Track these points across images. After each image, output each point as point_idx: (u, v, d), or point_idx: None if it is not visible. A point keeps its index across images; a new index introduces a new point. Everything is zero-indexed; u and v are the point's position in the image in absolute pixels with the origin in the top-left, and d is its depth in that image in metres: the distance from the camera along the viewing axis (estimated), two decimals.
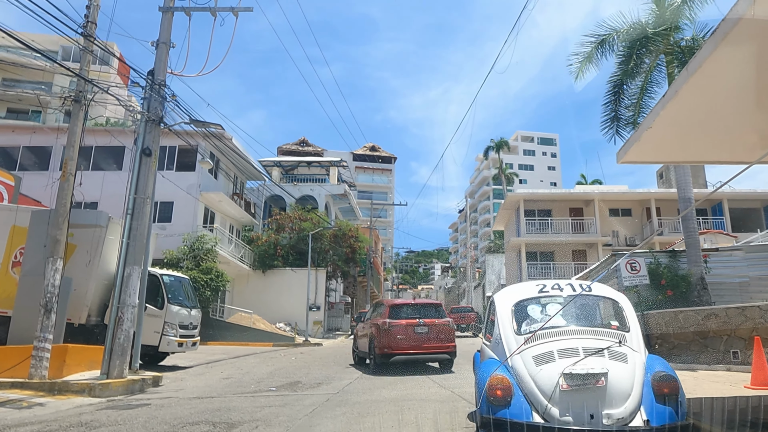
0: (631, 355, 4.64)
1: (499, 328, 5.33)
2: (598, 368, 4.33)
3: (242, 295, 32.66)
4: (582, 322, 5.23)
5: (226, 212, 31.16)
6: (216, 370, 13.33)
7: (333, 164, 40.78)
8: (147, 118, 11.09)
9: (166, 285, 13.00)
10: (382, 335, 12.38)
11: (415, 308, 13.30)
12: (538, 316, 5.36)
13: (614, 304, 5.51)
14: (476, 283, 59.12)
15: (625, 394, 4.32)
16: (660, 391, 4.36)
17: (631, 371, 4.47)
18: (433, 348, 12.59)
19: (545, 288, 5.67)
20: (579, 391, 4.29)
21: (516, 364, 4.72)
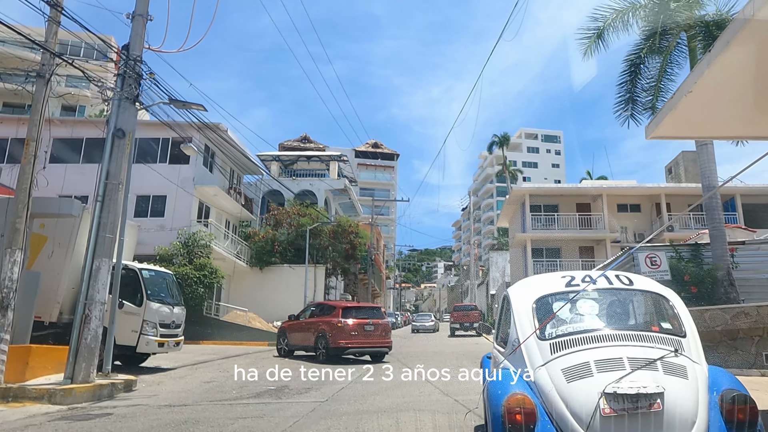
0: (691, 367, 3.51)
1: (516, 331, 4.08)
2: (651, 386, 3.23)
3: (239, 293, 31.69)
4: (624, 325, 4.04)
5: (221, 207, 30.18)
6: (200, 372, 12.34)
7: (333, 159, 39.74)
8: (120, 96, 10.08)
9: (145, 280, 12.00)
10: (337, 331, 14.52)
11: (360, 310, 15.96)
12: (567, 316, 4.08)
13: (663, 301, 4.22)
14: (480, 281, 58.11)
15: (689, 422, 3.22)
16: (732, 417, 3.26)
17: (693, 390, 3.35)
18: (378, 343, 15.24)
19: (574, 280, 4.32)
20: (627, 418, 3.17)
21: (540, 379, 3.58)
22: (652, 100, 13.80)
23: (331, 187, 36.84)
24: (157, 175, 26.46)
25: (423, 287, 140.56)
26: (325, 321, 15.13)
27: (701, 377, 3.52)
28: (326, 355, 14.53)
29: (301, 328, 16.25)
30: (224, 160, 30.63)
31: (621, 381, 3.27)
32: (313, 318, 16.09)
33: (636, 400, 3.20)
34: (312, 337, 15.22)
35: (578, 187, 33.49)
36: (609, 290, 4.22)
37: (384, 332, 15.41)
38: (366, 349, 15.02)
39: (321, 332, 14.89)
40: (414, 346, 23.02)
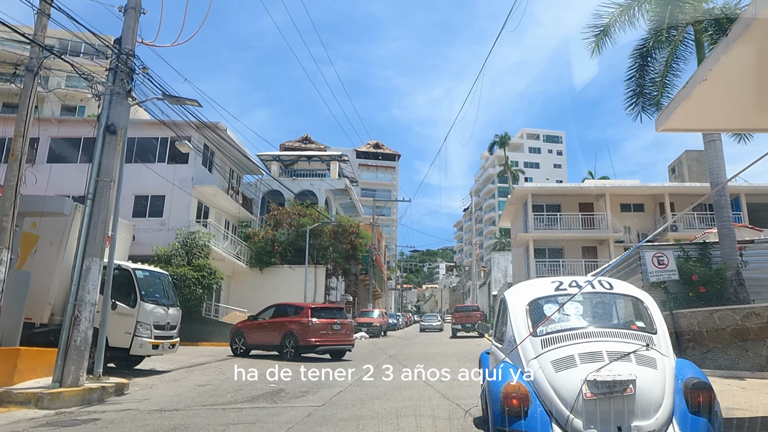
0: (660, 359, 4.09)
1: (512, 330, 4.66)
2: (625, 374, 3.83)
3: (238, 294, 31.42)
4: (604, 323, 4.66)
5: (221, 207, 29.90)
6: (196, 374, 12.04)
7: (334, 159, 39.45)
8: (112, 90, 9.80)
9: (139, 281, 11.71)
10: (307, 330, 15.52)
11: (327, 310, 17.01)
12: (555, 316, 4.60)
13: (639, 303, 4.76)
14: (481, 282, 57.78)
15: (656, 404, 3.82)
16: (694, 401, 3.84)
17: (661, 378, 3.95)
18: (343, 341, 16.36)
19: (562, 285, 4.90)
20: (605, 401, 3.79)
21: (533, 370, 4.16)
22: (657, 96, 13.49)
23: (331, 186, 36.57)
24: (156, 174, 26.23)
25: (425, 288, 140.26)
26: (293, 320, 15.98)
27: (668, 368, 4.06)
28: (294, 353, 15.50)
29: (263, 328, 16.84)
30: (223, 159, 30.36)
31: (600, 370, 3.84)
32: (277, 318, 16.75)
33: (612, 386, 3.77)
34: (278, 336, 15.99)
35: (581, 186, 33.16)
36: (592, 294, 4.77)
37: (348, 331, 16.77)
38: (333, 346, 16.11)
39: (289, 331, 15.73)
40: (415, 347, 22.71)
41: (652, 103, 13.50)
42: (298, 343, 15.50)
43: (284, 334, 15.85)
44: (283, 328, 16.01)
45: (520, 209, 34.59)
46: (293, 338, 15.60)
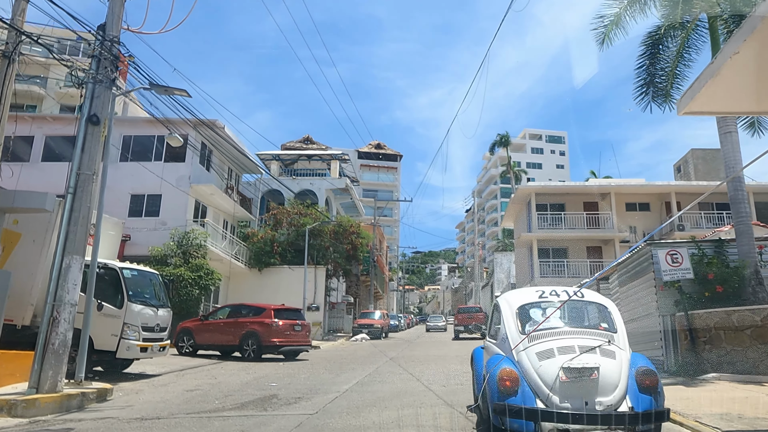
0: (618, 352, 5.18)
1: (505, 328, 5.82)
2: (591, 363, 4.90)
3: (237, 295, 30.84)
4: (577, 324, 5.72)
5: (219, 206, 29.38)
6: (186, 379, 11.50)
7: (335, 158, 38.92)
8: (95, 79, 9.27)
9: (126, 280, 11.17)
10: (271, 331, 16.02)
11: (288, 312, 17.36)
12: (539, 318, 5.76)
13: (604, 308, 5.94)
14: (484, 283, 57.17)
15: (614, 385, 4.89)
16: (642, 383, 4.93)
17: (618, 366, 5.01)
18: (303, 342, 17.09)
19: (544, 294, 6.17)
20: (575, 382, 4.88)
21: (521, 359, 5.26)
22: (666, 86, 12.92)
23: (332, 186, 36.03)
24: (153, 173, 25.73)
25: (427, 289, 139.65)
26: (256, 321, 16.31)
27: (624, 358, 5.14)
28: (256, 353, 15.95)
29: (218, 328, 17.06)
30: (222, 158, 29.85)
31: (573, 360, 4.92)
32: (234, 319, 16.94)
33: (581, 372, 4.85)
34: (236, 337, 16.32)
35: (585, 185, 32.58)
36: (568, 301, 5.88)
37: (307, 332, 17.39)
38: (294, 347, 16.68)
39: (251, 331, 16.13)
40: (417, 350, 22.15)
41: (661, 94, 12.93)
42: (261, 343, 15.94)
43: (244, 335, 16.15)
44: (243, 329, 16.27)
45: (523, 209, 34.03)
46: (255, 338, 16.03)
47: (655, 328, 11.23)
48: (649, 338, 11.67)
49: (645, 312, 11.91)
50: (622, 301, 13.52)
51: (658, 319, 11.10)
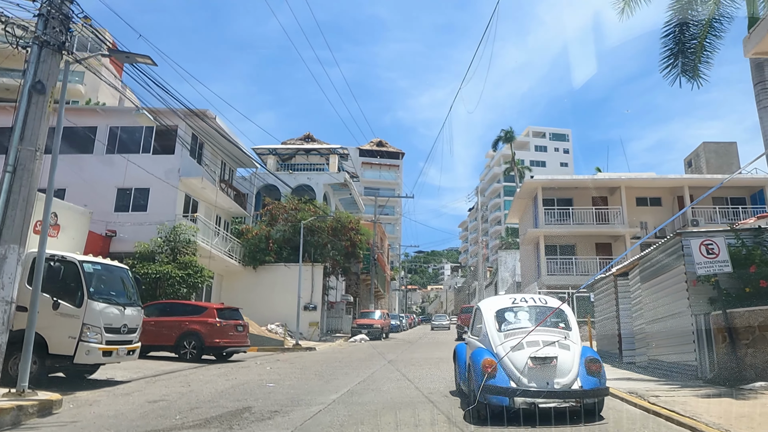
0: (572, 345, 6.82)
1: (485, 327, 7.33)
2: (551, 353, 6.54)
3: (231, 294, 29.62)
4: (541, 324, 7.09)
5: (211, 201, 28.09)
6: (155, 386, 10.20)
7: (333, 152, 37.59)
8: (41, 41, 7.98)
9: (87, 275, 9.87)
10: (214, 331, 15.46)
11: (228, 311, 16.93)
12: (511, 320, 7.46)
13: (562, 312, 7.50)
14: (488, 282, 55.80)
15: (568, 370, 6.48)
16: (589, 368, 6.56)
17: (572, 356, 6.63)
18: (244, 342, 16.82)
19: (516, 300, 7.85)
20: (540, 368, 6.46)
21: (499, 351, 6.79)
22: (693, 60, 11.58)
23: (330, 181, 34.68)
24: (140, 165, 24.46)
25: (430, 289, 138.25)
26: (196, 320, 15.65)
27: (577, 350, 6.77)
28: (196, 354, 15.31)
29: (149, 327, 15.86)
30: (214, 151, 28.57)
31: (538, 351, 6.56)
32: (168, 317, 16.08)
33: (544, 360, 6.50)
34: (172, 336, 15.55)
35: (594, 178, 31.11)
36: (534, 306, 7.61)
37: (246, 332, 17.13)
38: (236, 348, 16.29)
39: (191, 332, 15.46)
40: (418, 351, 20.84)
41: (689, 69, 11.59)
42: (203, 343, 15.37)
43: (183, 334, 15.47)
44: (180, 328, 15.59)
45: (529, 204, 32.66)
46: (196, 339, 15.42)
47: (686, 328, 9.90)
48: (677, 341, 10.34)
49: (672, 311, 10.57)
50: (643, 299, 12.19)
51: (689, 319, 9.75)
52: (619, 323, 13.96)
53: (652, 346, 11.66)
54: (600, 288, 16.38)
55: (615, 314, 14.24)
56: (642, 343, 12.40)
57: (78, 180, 24.87)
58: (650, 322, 11.76)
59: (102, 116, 25.84)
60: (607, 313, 15.31)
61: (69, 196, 24.75)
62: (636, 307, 12.76)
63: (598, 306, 16.85)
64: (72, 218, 10.96)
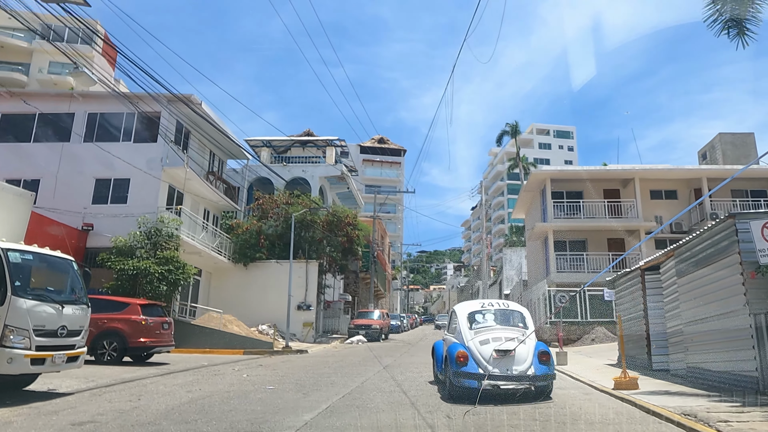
0: (528, 341, 8.32)
1: (459, 326, 8.96)
2: (511, 347, 8.10)
3: (221, 292, 27.92)
4: (504, 324, 9.00)
5: (198, 193, 26.36)
6: (97, 401, 8.43)
7: (330, 144, 35.81)
8: None
9: (13, 266, 8.12)
10: (140, 329, 14.23)
11: (153, 308, 15.60)
12: (480, 320, 9.11)
13: (521, 314, 9.36)
14: (492, 281, 53.96)
15: (524, 359, 8.06)
16: (541, 359, 8.15)
17: (527, 349, 8.19)
18: (170, 341, 15.54)
19: (484, 305, 9.63)
20: (502, 358, 8.02)
21: (469, 345, 8.37)
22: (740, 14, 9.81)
23: (326, 173, 32.87)
24: (120, 154, 22.76)
25: (432, 289, 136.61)
26: (117, 318, 14.31)
27: (531, 345, 8.31)
28: (118, 356, 14.11)
29: None
30: (202, 141, 26.86)
31: (500, 345, 8.12)
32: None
33: (506, 352, 7.99)
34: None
35: (606, 169, 29.23)
36: (499, 309, 9.45)
37: (172, 331, 15.77)
38: (162, 347, 15.05)
39: (111, 330, 14.11)
40: (418, 355, 19.10)
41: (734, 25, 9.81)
42: (126, 344, 14.08)
43: (101, 334, 13.99)
44: (99, 327, 13.96)
45: (537, 197, 30.84)
46: (118, 338, 14.10)
47: (741, 330, 8.10)
48: (728, 345, 8.55)
49: (722, 310, 8.77)
50: (681, 296, 10.38)
51: (746, 320, 7.96)
52: (648, 324, 12.17)
53: (693, 351, 9.86)
54: (623, 284, 14.56)
55: (642, 314, 12.46)
56: (678, 348, 10.60)
57: (53, 170, 23.23)
58: (690, 323, 9.96)
59: (79, 102, 24.12)
60: (631, 312, 13.50)
61: (43, 187, 23.08)
62: (671, 305, 10.96)
63: (620, 305, 15.04)
64: (4, 199, 9.22)
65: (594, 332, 23.01)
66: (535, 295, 28.33)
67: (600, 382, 10.09)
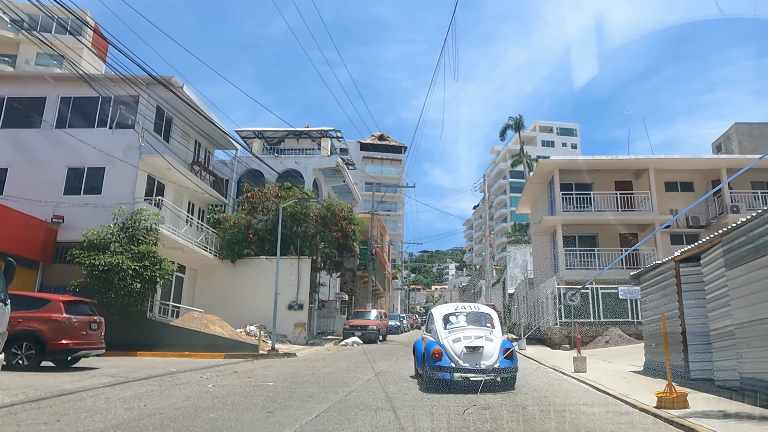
0: (495, 339, 9.69)
1: (436, 327, 10.26)
2: (480, 343, 9.41)
3: (207, 291, 26.17)
4: (474, 324, 10.23)
5: (181, 184, 24.59)
6: (14, 419, 6.66)
7: (326, 135, 34.00)
8: None
9: None
10: (61, 330, 12.54)
11: (78, 305, 13.68)
12: (454, 321, 10.34)
13: (489, 315, 10.67)
14: (495, 280, 52.10)
15: (491, 355, 9.32)
16: (505, 353, 9.39)
17: (494, 346, 9.50)
18: (99, 343, 13.74)
19: (458, 307, 10.98)
20: (471, 353, 9.28)
21: (444, 342, 9.56)
22: None
23: (321, 165, 31.03)
24: (95, 142, 21.02)
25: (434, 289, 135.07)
26: (35, 317, 12.52)
27: (498, 342, 9.60)
28: (34, 360, 12.41)
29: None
30: (186, 129, 25.08)
31: (470, 342, 9.43)
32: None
33: (475, 348, 9.34)
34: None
35: (619, 159, 27.26)
36: (470, 311, 10.76)
37: (102, 331, 13.97)
38: (88, 350, 13.39)
39: (27, 331, 12.27)
40: None
41: None
42: (45, 346, 12.41)
43: (15, 335, 11.81)
44: (12, 326, 11.68)
45: (544, 189, 29.02)
46: (34, 340, 12.39)
47: None
48: None
49: None
50: (731, 291, 8.55)
51: None
52: (684, 324, 10.35)
53: (750, 358, 8.03)
54: (650, 279, 12.71)
55: (677, 312, 10.63)
56: (727, 354, 8.78)
57: (22, 159, 21.47)
58: (745, 325, 8.13)
59: (51, 85, 22.34)
60: (660, 310, 11.64)
61: (11, 177, 21.36)
62: (716, 302, 9.14)
63: (646, 303, 13.21)
64: None
65: (608, 333, 21.20)
66: (542, 294, 26.49)
67: (635, 397, 8.26)
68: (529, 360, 17.01)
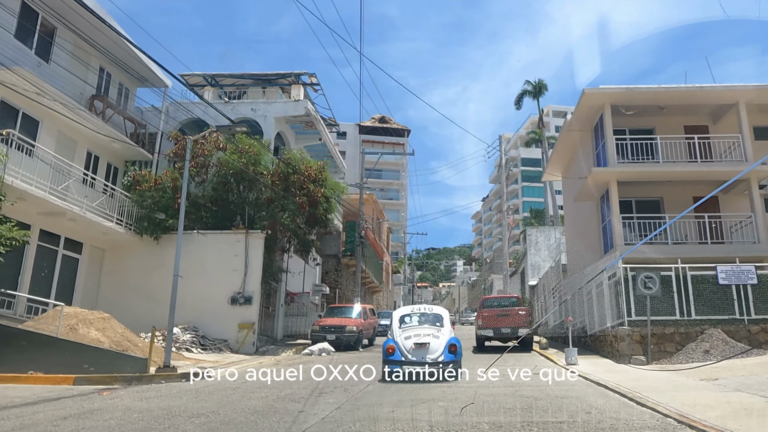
0: (442, 336, 10.90)
1: (392, 326, 11.52)
2: (427, 340, 10.70)
3: (119, 278, 18.90)
4: (425, 324, 11.50)
5: (69, 126, 17.14)
6: None
7: (298, 81, 26.30)
8: None
9: None
10: None
11: None
12: (408, 321, 11.67)
13: (440, 315, 11.88)
14: (511, 271, 44.36)
15: (437, 350, 10.59)
16: (449, 349, 10.61)
17: (440, 342, 10.72)
18: None
19: (413, 309, 12.47)
20: (419, 349, 10.60)
21: (397, 340, 10.89)
22: None
23: (285, 113, 23.31)
24: None
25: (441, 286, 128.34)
26: None
27: (445, 339, 10.86)
28: None
29: None
30: (85, 48, 17.64)
31: (419, 339, 10.82)
32: None
33: (422, 345, 10.71)
34: None
35: (696, 89, 19.17)
36: (422, 313, 12.05)
37: None
38: None
39: None
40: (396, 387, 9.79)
41: None
42: None
43: None
44: None
45: (587, 138, 21.18)
46: None
47: None
48: None
49: None
50: None
51: None
52: None
53: None
54: None
55: None
56: None
57: None
58: None
59: None
60: None
61: None
62: None
63: None
64: None
65: (705, 338, 13.54)
66: (590, 281, 18.54)
67: None
68: (605, 391, 9.36)
